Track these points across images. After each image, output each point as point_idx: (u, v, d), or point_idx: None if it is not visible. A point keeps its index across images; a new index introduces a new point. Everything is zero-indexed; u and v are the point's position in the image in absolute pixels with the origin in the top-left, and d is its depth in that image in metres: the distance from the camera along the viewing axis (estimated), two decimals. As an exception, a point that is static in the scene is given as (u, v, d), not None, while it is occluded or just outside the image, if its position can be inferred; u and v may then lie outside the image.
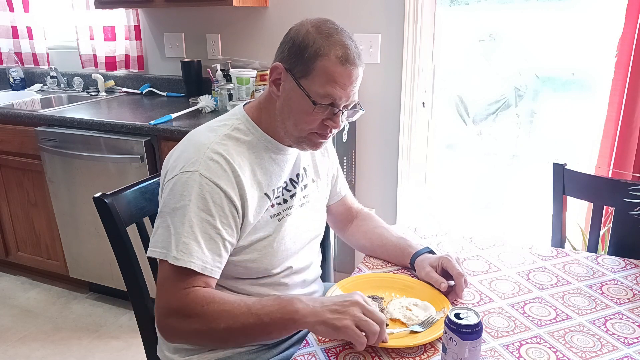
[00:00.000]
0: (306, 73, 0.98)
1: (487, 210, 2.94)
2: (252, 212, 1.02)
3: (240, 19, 2.49)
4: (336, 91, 0.98)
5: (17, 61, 3.08)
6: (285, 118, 1.04)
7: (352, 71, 0.98)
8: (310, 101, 0.99)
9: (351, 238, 1.34)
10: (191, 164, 0.99)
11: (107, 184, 2.19)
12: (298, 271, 1.16)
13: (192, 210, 0.96)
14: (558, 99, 2.61)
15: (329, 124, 1.02)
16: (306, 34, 0.99)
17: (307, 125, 1.02)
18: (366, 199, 2.42)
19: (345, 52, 0.97)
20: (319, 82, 0.98)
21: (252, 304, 0.93)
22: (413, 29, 2.14)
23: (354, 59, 0.98)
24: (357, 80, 1.01)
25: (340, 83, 0.98)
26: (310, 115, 1.00)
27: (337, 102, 1.00)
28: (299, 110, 1.01)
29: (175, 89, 2.74)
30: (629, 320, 1.02)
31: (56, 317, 2.43)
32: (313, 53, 0.97)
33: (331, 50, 0.97)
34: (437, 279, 1.09)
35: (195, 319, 0.93)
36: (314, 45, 0.97)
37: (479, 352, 0.85)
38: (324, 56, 0.97)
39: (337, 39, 0.98)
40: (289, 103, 1.02)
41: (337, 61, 0.97)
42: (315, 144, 1.07)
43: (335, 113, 1.01)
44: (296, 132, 1.04)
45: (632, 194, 1.36)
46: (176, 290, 0.95)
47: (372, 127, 2.35)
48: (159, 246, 0.97)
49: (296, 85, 1.00)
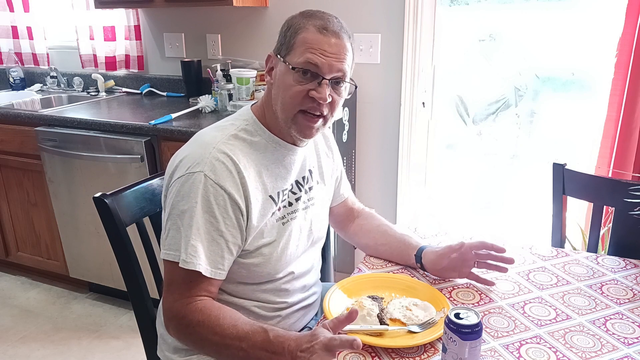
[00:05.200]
0: (289, 50, 1.00)
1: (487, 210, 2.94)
2: (256, 214, 1.02)
3: (240, 19, 2.49)
4: (316, 57, 0.97)
5: (17, 61, 3.08)
6: (276, 102, 1.03)
7: (331, 39, 0.98)
8: (290, 68, 0.99)
9: (354, 237, 1.34)
10: (197, 164, 0.99)
11: (107, 184, 2.19)
12: (299, 276, 1.16)
13: (198, 213, 0.96)
14: (558, 99, 2.62)
15: (314, 94, 0.99)
16: (291, 19, 1.03)
17: (292, 99, 1.00)
18: (366, 199, 2.42)
19: (325, 23, 0.99)
20: (299, 52, 0.99)
21: (244, 337, 0.91)
22: (413, 29, 2.14)
23: (334, 28, 0.99)
24: (342, 52, 0.99)
25: (319, 50, 0.97)
26: (292, 85, 0.99)
27: (320, 70, 0.98)
28: (284, 85, 1.01)
29: (175, 89, 2.73)
30: (629, 320, 1.02)
31: (56, 317, 2.43)
32: (294, 30, 1.00)
33: (310, 23, 0.99)
34: (453, 245, 1.13)
35: (191, 330, 0.96)
36: (296, 24, 1.01)
37: (479, 352, 0.85)
38: (303, 28, 0.99)
39: (319, 15, 1.01)
40: (278, 84, 1.02)
41: (315, 30, 0.98)
42: (304, 128, 1.03)
43: (320, 83, 0.99)
44: (284, 113, 1.02)
45: (632, 194, 1.36)
46: (180, 297, 0.98)
47: (372, 127, 2.35)
48: (172, 249, 0.98)
49: (282, 63, 1.01)
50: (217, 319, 0.95)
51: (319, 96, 0.99)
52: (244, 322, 0.95)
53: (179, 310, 0.97)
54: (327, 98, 0.99)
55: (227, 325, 0.94)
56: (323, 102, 0.99)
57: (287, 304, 1.14)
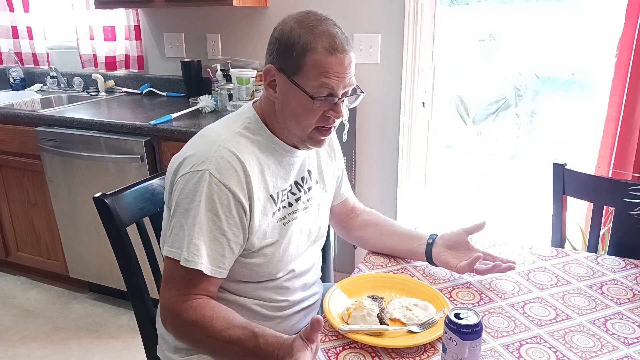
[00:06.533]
0: (298, 70, 0.98)
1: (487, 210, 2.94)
2: (258, 213, 1.02)
3: (240, 19, 2.49)
4: (331, 81, 0.97)
5: (17, 61, 3.08)
6: (286, 118, 1.03)
7: (343, 59, 0.98)
8: (308, 96, 0.98)
9: (358, 231, 1.32)
10: (202, 162, 0.98)
11: (107, 184, 2.19)
12: (300, 274, 1.16)
13: (202, 212, 0.96)
14: (558, 99, 2.62)
15: (331, 114, 1.01)
16: (290, 32, 0.98)
17: (308, 120, 1.01)
18: (366, 199, 2.42)
19: (333, 41, 0.97)
20: (313, 76, 0.97)
21: (236, 341, 0.92)
22: (413, 29, 2.14)
23: (342, 46, 0.98)
24: (351, 66, 1.00)
25: (334, 72, 0.97)
26: (311, 110, 1.00)
27: (335, 92, 0.99)
28: (298, 107, 1.00)
29: (175, 89, 2.74)
30: (629, 320, 1.02)
31: (56, 317, 2.43)
32: (301, 49, 0.97)
33: (318, 43, 0.96)
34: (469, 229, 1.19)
35: (186, 329, 0.97)
36: (300, 41, 0.97)
37: (479, 352, 0.85)
38: (312, 50, 0.96)
39: (322, 29, 0.98)
40: (287, 102, 1.02)
41: (326, 52, 0.96)
42: (319, 141, 1.06)
43: (336, 102, 1.00)
44: (299, 131, 1.03)
45: (632, 194, 1.36)
46: (177, 294, 0.98)
47: (372, 127, 2.35)
48: (175, 246, 0.98)
49: (291, 83, 0.99)
50: (211, 319, 0.95)
51: (336, 115, 1.01)
52: (236, 325, 0.94)
53: (175, 307, 0.97)
54: (344, 115, 1.02)
55: (219, 327, 0.94)
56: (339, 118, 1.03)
57: (288, 302, 1.14)
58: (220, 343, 0.93)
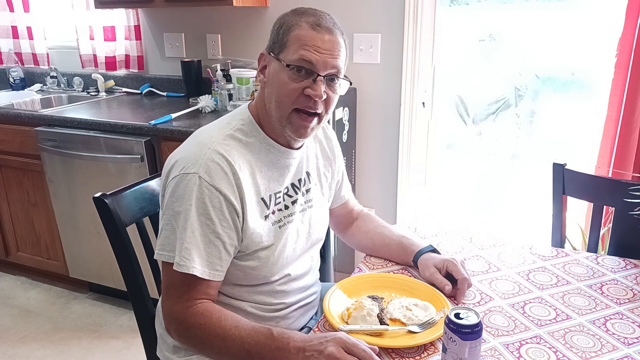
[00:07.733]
0: (282, 47, 1.00)
1: (487, 210, 2.94)
2: (251, 215, 1.02)
3: (240, 19, 2.49)
4: (310, 54, 0.97)
5: (17, 61, 3.08)
6: (270, 101, 1.02)
7: (324, 35, 0.98)
8: (285, 65, 0.98)
9: (352, 239, 1.34)
10: (192, 164, 0.98)
11: (107, 184, 2.19)
12: (296, 278, 1.15)
13: (193, 215, 0.96)
14: (558, 99, 2.62)
15: (309, 92, 0.98)
16: (283, 16, 1.02)
17: (287, 97, 0.99)
18: (366, 199, 2.42)
19: (317, 19, 0.99)
20: (293, 49, 0.98)
21: (246, 336, 0.92)
22: (413, 29, 2.14)
23: (327, 25, 0.99)
24: (336, 48, 0.99)
25: (313, 46, 0.97)
26: (287, 83, 0.99)
27: (314, 67, 0.98)
28: (278, 83, 1.00)
29: (175, 89, 2.73)
30: (629, 320, 1.02)
31: (56, 317, 2.43)
32: (286, 28, 1.00)
33: (302, 20, 0.99)
34: (441, 281, 1.09)
35: (192, 333, 0.97)
36: (288, 21, 1.00)
37: (479, 352, 0.85)
38: (295, 26, 0.99)
39: (311, 12, 1.01)
40: (271, 82, 1.02)
41: (308, 26, 0.98)
42: (299, 127, 1.02)
43: (315, 80, 0.98)
44: (278, 112, 1.01)
45: (632, 194, 1.36)
46: (179, 300, 0.98)
47: (372, 127, 2.35)
48: (166, 249, 0.98)
49: (275, 60, 1.00)
50: (219, 320, 0.95)
51: (314, 93, 0.98)
52: (246, 323, 0.95)
53: (179, 314, 0.97)
54: (322, 95, 0.99)
55: (229, 326, 0.94)
56: (318, 99, 0.99)
57: (284, 304, 1.14)
58: (229, 341, 0.93)
